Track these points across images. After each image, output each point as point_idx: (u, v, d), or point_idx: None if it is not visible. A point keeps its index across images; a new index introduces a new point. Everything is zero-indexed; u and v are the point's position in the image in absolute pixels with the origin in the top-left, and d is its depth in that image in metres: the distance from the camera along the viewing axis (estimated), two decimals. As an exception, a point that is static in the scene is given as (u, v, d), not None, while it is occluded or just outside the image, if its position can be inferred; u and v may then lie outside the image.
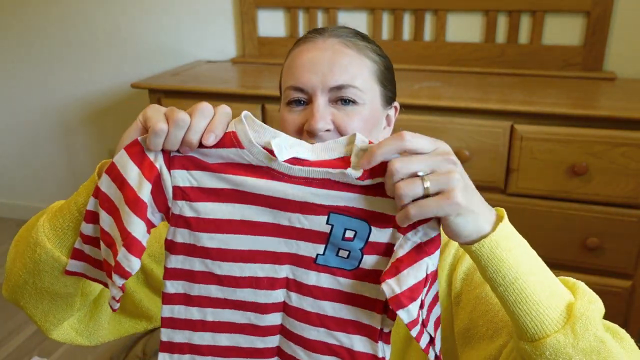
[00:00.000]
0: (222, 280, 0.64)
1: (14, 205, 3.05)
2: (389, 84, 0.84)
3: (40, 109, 2.79)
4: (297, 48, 0.81)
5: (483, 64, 2.09)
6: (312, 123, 0.75)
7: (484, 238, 0.56)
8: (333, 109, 0.77)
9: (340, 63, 0.77)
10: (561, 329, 0.56)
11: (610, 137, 1.58)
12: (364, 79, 0.78)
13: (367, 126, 0.78)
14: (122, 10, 2.49)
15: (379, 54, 0.83)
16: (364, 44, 0.81)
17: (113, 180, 0.60)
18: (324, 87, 0.76)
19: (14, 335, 2.11)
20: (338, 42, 0.79)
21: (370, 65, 0.80)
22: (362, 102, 0.78)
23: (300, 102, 0.79)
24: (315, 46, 0.79)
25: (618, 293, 1.70)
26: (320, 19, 2.24)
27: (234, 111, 0.63)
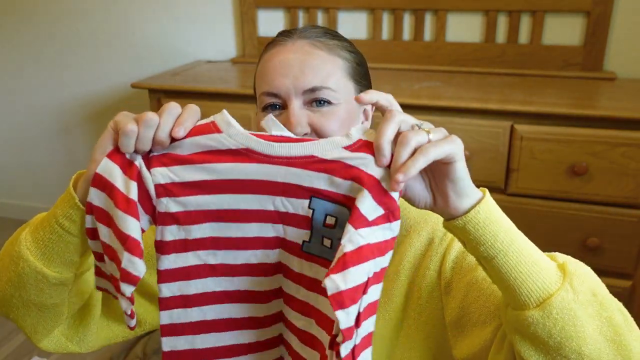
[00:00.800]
0: (217, 270, 0.63)
1: (14, 205, 3.05)
2: (363, 79, 0.84)
3: (40, 109, 2.79)
4: (267, 52, 0.81)
5: (483, 64, 2.09)
6: (289, 128, 0.74)
7: (479, 203, 0.59)
8: (309, 112, 0.77)
9: (311, 64, 0.77)
10: (562, 286, 0.58)
11: (610, 137, 1.58)
12: (337, 78, 0.78)
13: (344, 125, 0.78)
14: (122, 11, 2.49)
15: (350, 50, 0.83)
16: (334, 43, 0.81)
17: (102, 189, 0.60)
18: (297, 90, 0.76)
19: (14, 335, 2.11)
20: (307, 44, 0.79)
21: (342, 63, 0.80)
22: (337, 102, 0.78)
23: (275, 107, 0.78)
24: (284, 49, 0.79)
25: (618, 293, 1.69)
26: (320, 19, 2.24)
27: (235, 111, 0.63)
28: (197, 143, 0.61)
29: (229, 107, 1.93)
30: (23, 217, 3.03)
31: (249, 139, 0.59)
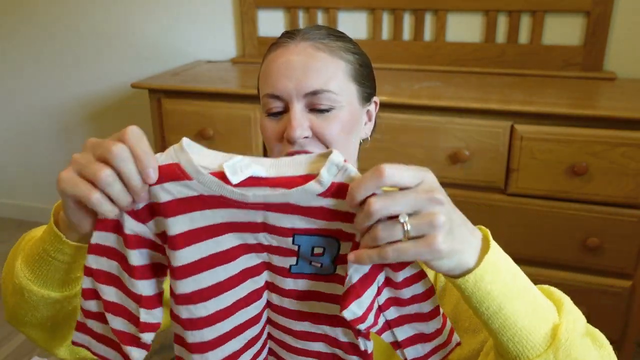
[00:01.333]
0: (211, 320, 0.61)
1: (14, 205, 3.05)
2: (367, 80, 0.84)
3: (40, 109, 2.79)
4: (270, 54, 0.81)
5: (483, 64, 2.09)
6: (290, 131, 0.75)
7: (468, 273, 0.54)
8: (311, 115, 0.77)
9: (313, 67, 0.76)
10: (543, 353, 0.56)
11: (610, 137, 1.58)
12: (339, 81, 0.78)
13: (346, 129, 0.78)
14: (122, 11, 2.49)
15: (354, 51, 0.82)
16: (337, 45, 0.80)
17: (100, 255, 0.59)
18: (298, 93, 0.76)
19: (14, 335, 2.11)
20: (310, 46, 0.78)
21: (344, 65, 0.79)
22: (339, 106, 0.77)
23: (278, 112, 0.79)
24: (287, 51, 0.78)
25: (618, 293, 1.70)
26: (320, 19, 2.24)
27: (235, 111, 0.63)
28: (168, 190, 0.56)
29: (229, 107, 1.94)
30: (23, 217, 3.03)
31: (222, 187, 0.56)
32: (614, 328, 1.74)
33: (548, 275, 1.76)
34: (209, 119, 1.94)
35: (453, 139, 1.71)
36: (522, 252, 1.76)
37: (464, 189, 1.76)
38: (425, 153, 1.73)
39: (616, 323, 1.73)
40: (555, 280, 1.76)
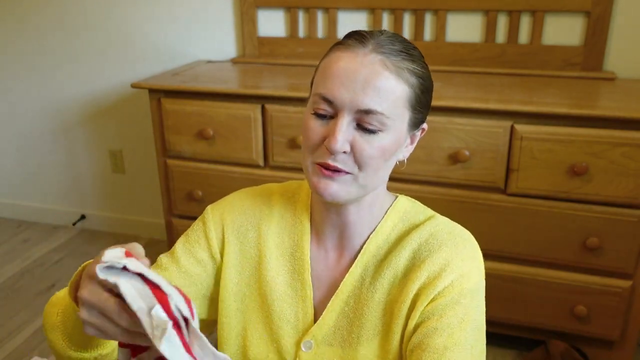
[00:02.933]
0: None
1: (14, 205, 3.05)
2: (423, 107, 0.81)
3: (41, 109, 2.79)
4: (337, 52, 0.77)
5: (483, 64, 2.09)
6: (332, 142, 0.74)
7: None
8: (355, 132, 0.75)
9: (375, 86, 0.73)
10: None
11: (610, 137, 1.58)
12: (395, 106, 0.75)
13: (386, 154, 0.77)
14: (122, 11, 2.49)
15: (420, 75, 0.79)
16: (406, 66, 0.76)
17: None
18: (352, 107, 0.74)
19: (14, 335, 2.11)
20: (379, 61, 0.74)
21: (407, 91, 0.76)
22: (387, 130, 0.75)
23: (325, 112, 0.76)
24: (355, 58, 0.75)
25: (618, 293, 1.70)
26: (320, 19, 2.24)
27: (235, 111, 0.63)
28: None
29: (229, 107, 1.94)
30: (23, 217, 3.03)
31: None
32: (614, 328, 1.74)
33: (548, 275, 1.76)
34: (209, 119, 1.94)
35: (453, 139, 1.71)
36: (522, 252, 1.76)
37: (464, 189, 1.76)
38: (425, 153, 1.73)
39: (616, 323, 1.74)
40: (555, 280, 1.76)
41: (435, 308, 0.77)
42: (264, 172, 1.96)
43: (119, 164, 2.76)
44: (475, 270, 0.81)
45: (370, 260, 0.84)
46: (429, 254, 0.81)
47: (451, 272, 0.79)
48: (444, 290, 0.78)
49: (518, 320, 1.84)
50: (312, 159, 0.78)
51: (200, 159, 2.03)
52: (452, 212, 1.80)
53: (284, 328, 0.87)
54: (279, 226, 0.90)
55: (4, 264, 2.59)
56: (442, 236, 0.82)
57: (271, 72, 2.17)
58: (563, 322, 1.79)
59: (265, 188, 0.96)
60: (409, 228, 0.85)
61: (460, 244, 0.82)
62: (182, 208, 2.13)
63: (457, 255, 0.80)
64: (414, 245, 0.82)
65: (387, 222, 0.86)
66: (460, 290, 0.78)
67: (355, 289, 0.84)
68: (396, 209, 0.87)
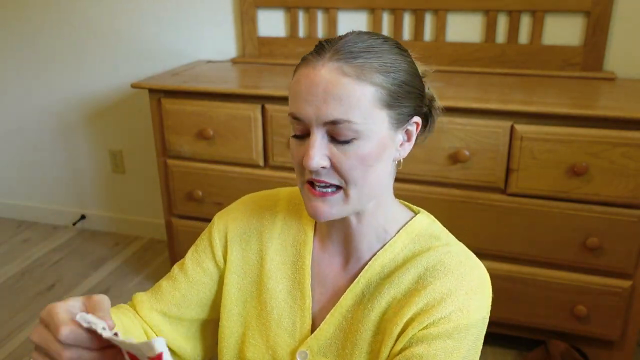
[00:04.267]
0: None
1: (14, 205, 3.05)
2: (405, 100, 0.76)
3: (40, 109, 2.79)
4: (299, 70, 0.76)
5: (483, 64, 2.09)
6: (307, 160, 0.72)
7: None
8: (331, 144, 0.73)
9: (334, 95, 0.71)
10: None
11: (610, 137, 1.58)
12: (363, 110, 0.72)
13: (367, 161, 0.74)
14: (122, 11, 2.49)
15: (390, 70, 0.74)
16: (370, 65, 0.72)
17: None
18: (318, 121, 0.72)
19: (14, 335, 2.11)
20: (336, 68, 0.71)
21: (373, 91, 0.72)
22: (362, 137, 0.73)
23: (302, 135, 0.75)
24: (313, 71, 0.73)
25: (618, 293, 1.70)
26: (320, 19, 2.24)
27: (235, 111, 0.63)
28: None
29: (229, 107, 1.94)
30: (23, 217, 3.03)
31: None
32: (614, 328, 1.74)
33: (548, 275, 1.76)
34: (209, 119, 1.94)
35: (453, 139, 1.71)
36: (522, 252, 1.76)
37: (464, 189, 1.76)
38: (425, 153, 1.74)
39: (616, 323, 1.74)
40: (555, 280, 1.76)
41: (425, 336, 0.74)
42: (264, 172, 1.96)
43: (119, 164, 2.76)
44: (477, 306, 0.77)
45: (373, 278, 0.82)
46: (433, 281, 0.77)
47: (451, 304, 0.75)
48: (439, 321, 0.75)
49: (518, 320, 1.84)
50: (302, 178, 0.78)
51: (200, 159, 2.03)
52: (452, 212, 1.81)
53: (281, 336, 0.86)
54: (281, 234, 0.89)
55: (4, 264, 2.59)
56: (451, 265, 0.78)
57: (271, 72, 2.17)
58: (563, 322, 1.79)
59: (272, 194, 0.95)
60: (420, 251, 0.82)
61: (467, 275, 0.78)
62: (182, 208, 2.13)
63: (461, 288, 0.76)
64: (419, 269, 0.79)
65: (397, 241, 0.83)
66: (456, 325, 0.74)
67: (354, 305, 0.83)
68: (410, 228, 0.84)
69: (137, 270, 2.54)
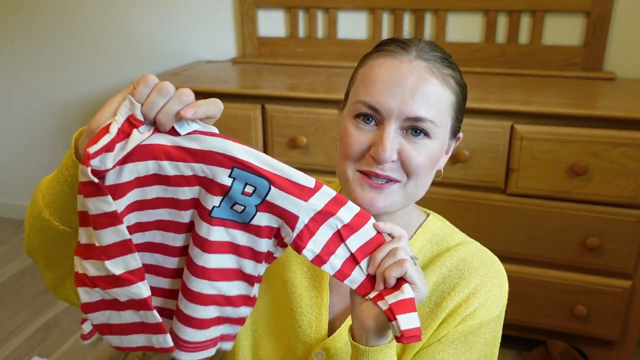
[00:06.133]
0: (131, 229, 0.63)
1: (14, 205, 3.05)
2: (461, 115, 0.80)
3: (41, 109, 2.79)
4: (378, 59, 0.75)
5: (483, 64, 2.09)
6: (380, 152, 0.72)
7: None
8: (402, 139, 0.73)
9: (424, 92, 0.72)
10: None
11: (610, 137, 1.58)
12: (441, 113, 0.74)
13: (432, 163, 0.76)
14: (122, 10, 2.49)
15: (460, 83, 0.78)
16: (448, 73, 0.76)
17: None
18: (399, 114, 0.72)
19: (14, 335, 2.11)
20: (425, 68, 0.73)
21: (451, 98, 0.76)
22: (434, 137, 0.74)
23: (369, 119, 0.74)
24: (399, 64, 0.73)
25: (618, 293, 1.70)
26: (320, 19, 2.24)
27: (235, 111, 0.64)
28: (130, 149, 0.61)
29: (229, 107, 1.93)
30: (23, 217, 3.03)
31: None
32: (614, 328, 1.74)
33: (548, 275, 1.76)
34: (209, 119, 1.94)
35: (453, 139, 1.71)
36: (522, 252, 1.76)
37: (464, 189, 1.76)
38: (425, 153, 1.73)
39: (616, 323, 1.73)
40: (555, 280, 1.76)
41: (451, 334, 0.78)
42: (264, 172, 1.96)
43: (119, 164, 2.76)
44: (497, 301, 0.80)
45: None
46: (459, 281, 0.80)
47: (476, 301, 0.78)
48: (465, 318, 0.78)
49: (518, 320, 1.84)
50: (355, 167, 0.76)
51: (200, 159, 2.03)
52: (452, 212, 1.80)
53: (297, 330, 0.85)
54: None
55: (4, 264, 2.59)
56: (473, 263, 0.81)
57: (271, 72, 2.17)
58: (563, 322, 1.79)
59: None
60: (439, 252, 0.83)
61: (490, 272, 0.82)
62: (182, 208, 2.12)
63: (485, 284, 0.80)
64: (443, 270, 0.81)
65: (415, 242, 0.84)
66: (479, 322, 0.78)
67: None
68: (426, 228, 0.85)
69: (137, 270, 2.54)
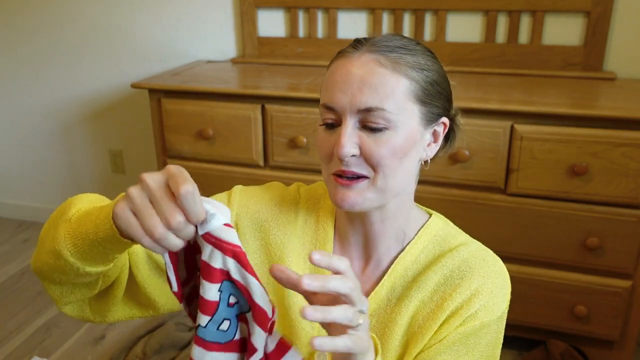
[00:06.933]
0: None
1: (14, 205, 3.05)
2: (436, 99, 0.78)
3: (40, 109, 2.79)
4: (334, 62, 0.78)
5: (483, 64, 2.09)
6: (338, 148, 0.74)
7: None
8: (362, 133, 0.74)
9: (370, 83, 0.73)
10: None
11: (610, 137, 1.58)
12: (397, 100, 0.73)
13: (398, 153, 0.75)
14: (122, 10, 2.49)
15: (425, 68, 0.77)
16: (405, 60, 0.75)
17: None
18: (352, 109, 0.74)
19: (14, 335, 2.11)
20: (372, 59, 0.74)
21: (407, 84, 0.74)
22: (394, 127, 0.74)
23: (331, 124, 0.77)
24: (349, 62, 0.75)
25: (618, 293, 1.70)
26: (320, 19, 2.24)
27: (235, 111, 0.63)
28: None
29: (229, 107, 1.94)
30: (23, 217, 3.03)
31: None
32: (614, 328, 1.74)
33: (548, 275, 1.76)
34: (209, 119, 1.94)
35: (453, 139, 1.70)
36: (522, 252, 1.76)
37: (464, 189, 1.76)
38: (425, 153, 1.73)
39: (616, 323, 1.73)
40: (555, 280, 1.76)
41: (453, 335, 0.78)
42: (264, 172, 1.96)
43: (119, 164, 2.76)
44: (499, 302, 0.80)
45: (397, 282, 0.83)
46: (461, 282, 0.79)
47: (478, 302, 0.78)
48: (466, 320, 0.78)
49: (518, 320, 1.84)
50: (329, 170, 0.78)
51: (200, 159, 2.03)
52: (452, 212, 1.80)
53: (299, 333, 0.84)
54: (302, 232, 0.88)
55: (4, 264, 2.59)
56: (475, 264, 0.81)
57: (271, 72, 2.17)
58: (563, 322, 1.79)
59: (293, 191, 0.93)
60: (441, 252, 0.83)
61: (492, 272, 0.81)
62: (182, 208, 2.12)
63: (486, 285, 0.79)
64: (445, 271, 0.81)
65: (417, 243, 0.84)
66: (481, 323, 0.78)
67: (379, 309, 0.82)
68: (428, 229, 0.85)
69: (137, 270, 2.54)
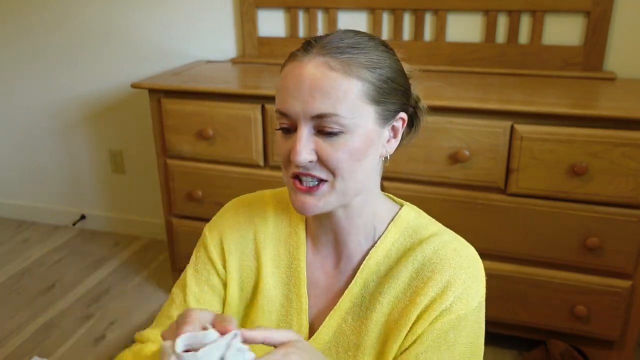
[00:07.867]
0: None
1: (14, 205, 3.05)
2: (391, 96, 0.77)
3: (40, 109, 2.79)
4: (286, 66, 0.77)
5: (483, 64, 2.09)
6: (293, 155, 0.73)
7: None
8: (318, 138, 0.74)
9: (321, 88, 0.71)
10: None
11: (610, 137, 1.58)
12: (350, 104, 0.72)
13: (355, 156, 0.74)
14: (122, 10, 2.49)
15: (377, 66, 0.75)
16: (356, 60, 0.73)
17: None
18: (305, 115, 0.73)
19: (14, 335, 2.11)
20: (322, 63, 0.72)
21: (360, 86, 0.73)
22: (349, 130, 0.73)
23: (289, 130, 0.76)
24: (300, 66, 0.73)
25: (618, 293, 1.70)
26: (320, 19, 2.24)
27: (235, 111, 0.63)
28: None
29: (228, 107, 1.94)
30: (23, 217, 3.03)
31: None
32: (614, 328, 1.74)
33: (548, 275, 1.76)
34: (209, 119, 1.94)
35: (453, 139, 1.71)
36: (522, 252, 1.76)
37: (464, 189, 1.76)
38: (425, 153, 1.73)
39: (616, 323, 1.73)
40: (555, 280, 1.76)
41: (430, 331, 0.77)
42: (264, 172, 1.96)
43: (119, 164, 2.76)
44: (474, 293, 0.78)
45: (369, 277, 0.82)
46: (432, 275, 0.78)
47: (452, 294, 0.77)
48: (442, 313, 0.76)
49: (518, 320, 1.84)
50: (288, 172, 0.77)
51: (200, 159, 2.03)
52: (452, 212, 1.81)
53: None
54: (274, 237, 0.89)
55: (4, 264, 2.59)
56: (446, 254, 0.79)
57: (271, 72, 2.17)
58: (563, 322, 1.79)
59: (257, 197, 0.94)
60: (412, 244, 0.82)
61: (464, 262, 0.79)
62: (182, 208, 2.13)
63: (459, 276, 0.78)
64: (415, 264, 0.80)
65: (387, 236, 0.83)
66: (457, 316, 0.77)
67: (354, 306, 0.82)
68: (398, 221, 0.84)
69: (137, 270, 2.54)
